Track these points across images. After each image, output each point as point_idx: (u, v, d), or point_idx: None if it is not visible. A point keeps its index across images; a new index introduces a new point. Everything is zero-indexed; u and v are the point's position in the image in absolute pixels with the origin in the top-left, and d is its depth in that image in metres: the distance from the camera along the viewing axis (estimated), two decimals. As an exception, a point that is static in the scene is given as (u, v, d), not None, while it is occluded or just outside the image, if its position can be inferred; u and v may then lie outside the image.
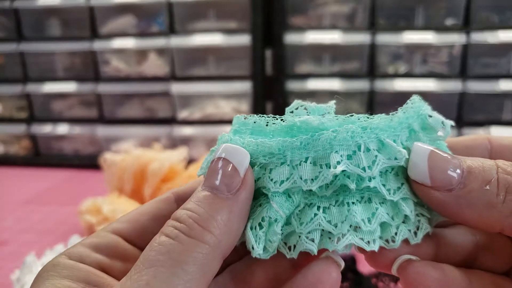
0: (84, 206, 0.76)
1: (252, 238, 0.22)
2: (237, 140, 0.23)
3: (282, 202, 0.22)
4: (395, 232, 0.22)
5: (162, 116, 1.25)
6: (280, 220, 0.22)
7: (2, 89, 1.29)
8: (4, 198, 1.03)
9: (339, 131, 0.21)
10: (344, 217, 0.22)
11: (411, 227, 0.23)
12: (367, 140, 0.22)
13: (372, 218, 0.22)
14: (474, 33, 1.07)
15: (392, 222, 0.22)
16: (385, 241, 0.22)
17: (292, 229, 0.22)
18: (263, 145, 0.22)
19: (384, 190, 0.22)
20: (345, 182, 0.21)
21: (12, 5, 1.22)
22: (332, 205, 0.22)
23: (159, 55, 1.20)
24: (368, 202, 0.22)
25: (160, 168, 0.78)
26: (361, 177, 0.21)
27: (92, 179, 1.17)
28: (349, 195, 0.22)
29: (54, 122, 1.30)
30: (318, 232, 0.22)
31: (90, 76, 1.25)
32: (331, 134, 0.21)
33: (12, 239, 0.80)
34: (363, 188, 0.22)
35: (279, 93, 1.18)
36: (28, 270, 0.52)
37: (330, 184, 0.22)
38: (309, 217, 0.22)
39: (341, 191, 0.22)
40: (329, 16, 1.14)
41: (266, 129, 0.24)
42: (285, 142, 0.22)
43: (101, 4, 1.18)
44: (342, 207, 0.22)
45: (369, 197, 0.22)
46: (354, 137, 0.21)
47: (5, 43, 1.26)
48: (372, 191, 0.22)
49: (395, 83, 1.12)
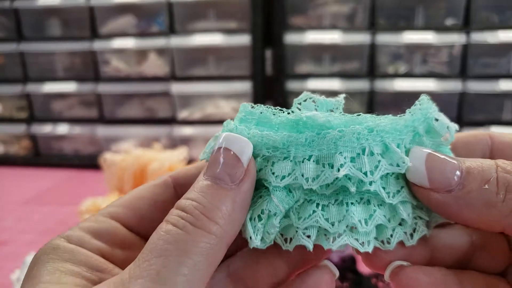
0: (84, 206, 0.76)
1: (251, 229, 0.22)
2: (243, 131, 0.23)
3: (283, 197, 0.22)
4: (391, 234, 0.22)
5: (162, 116, 1.25)
6: (279, 214, 0.22)
7: (2, 89, 1.29)
8: (4, 198, 1.03)
9: (346, 131, 0.21)
10: (342, 217, 0.22)
11: (408, 229, 0.23)
12: (372, 143, 0.21)
13: (369, 220, 0.22)
14: (474, 33, 1.07)
15: (389, 224, 0.22)
16: (381, 242, 0.23)
17: (290, 222, 0.22)
18: (268, 138, 0.22)
19: (384, 193, 0.22)
20: (346, 184, 0.21)
21: (12, 5, 1.23)
22: (331, 204, 0.22)
23: (159, 55, 1.20)
24: (367, 204, 0.22)
25: (160, 168, 0.79)
26: (362, 180, 0.21)
27: (92, 179, 1.17)
28: (348, 196, 0.22)
29: (54, 122, 1.30)
30: (315, 229, 0.22)
31: (90, 76, 1.25)
32: (337, 134, 0.21)
33: (12, 239, 0.80)
34: (363, 190, 0.22)
35: (279, 93, 1.18)
36: None
37: (331, 184, 0.22)
38: (307, 213, 0.22)
39: (341, 190, 0.22)
40: (329, 16, 1.14)
41: (272, 121, 0.24)
42: (290, 137, 0.22)
43: (101, 4, 1.18)
44: (341, 207, 0.22)
45: (368, 198, 0.22)
46: (360, 139, 0.21)
47: (5, 43, 1.26)
48: (371, 193, 0.22)
49: (395, 83, 1.12)
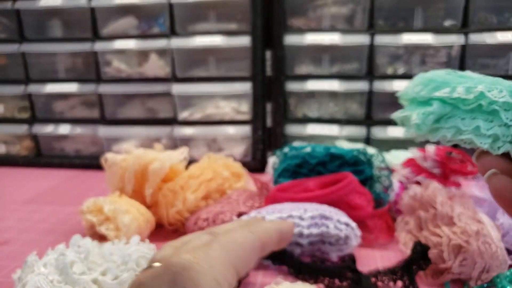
0: (85, 206, 0.76)
1: (415, 115, 0.36)
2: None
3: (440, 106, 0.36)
4: (500, 145, 0.33)
5: (163, 116, 1.26)
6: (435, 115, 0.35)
7: (4, 90, 1.30)
8: (5, 198, 1.04)
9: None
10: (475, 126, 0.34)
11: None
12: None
13: (490, 130, 0.34)
14: (473, 34, 1.08)
15: (501, 138, 0.33)
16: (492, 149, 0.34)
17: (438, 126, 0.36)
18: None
19: (504, 117, 0.33)
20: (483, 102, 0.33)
21: (14, 6, 1.23)
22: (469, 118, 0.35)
23: (160, 56, 1.20)
24: (490, 121, 0.34)
25: (161, 168, 0.78)
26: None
27: (94, 179, 1.18)
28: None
29: (56, 122, 1.30)
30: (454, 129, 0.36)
31: (91, 76, 1.26)
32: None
33: (13, 239, 0.80)
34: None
35: (279, 93, 1.19)
36: (30, 270, 0.52)
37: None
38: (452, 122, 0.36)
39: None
40: (328, 18, 1.15)
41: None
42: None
43: (102, 5, 1.19)
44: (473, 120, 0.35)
45: (492, 119, 0.33)
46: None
47: (7, 44, 1.27)
48: (496, 116, 0.33)
49: (394, 83, 1.12)
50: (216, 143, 1.24)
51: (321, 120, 1.20)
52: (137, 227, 0.73)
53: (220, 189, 0.85)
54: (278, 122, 1.21)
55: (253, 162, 1.21)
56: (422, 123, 0.34)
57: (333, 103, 1.19)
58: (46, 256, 0.54)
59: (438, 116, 0.35)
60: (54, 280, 0.50)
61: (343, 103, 1.19)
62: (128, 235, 0.70)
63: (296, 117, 1.22)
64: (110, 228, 0.72)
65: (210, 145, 1.24)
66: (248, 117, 1.21)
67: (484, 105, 0.33)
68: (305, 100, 1.21)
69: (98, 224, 0.73)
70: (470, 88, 0.33)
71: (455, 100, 0.34)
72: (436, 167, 0.84)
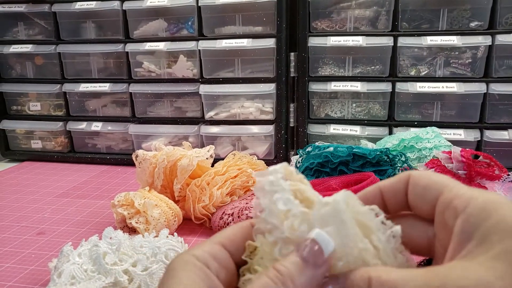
0: (116, 200, 0.77)
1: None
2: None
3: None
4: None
5: (191, 115, 1.29)
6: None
7: (41, 88, 1.36)
8: (41, 191, 1.08)
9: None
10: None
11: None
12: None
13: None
14: (500, 35, 1.07)
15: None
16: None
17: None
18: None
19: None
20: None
21: (51, 9, 1.29)
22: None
23: (188, 57, 1.24)
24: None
25: (189, 164, 0.81)
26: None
27: (124, 174, 1.21)
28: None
29: (89, 120, 1.35)
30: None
31: (123, 76, 1.30)
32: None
33: (49, 230, 0.83)
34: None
35: (302, 94, 1.20)
36: (65, 259, 0.54)
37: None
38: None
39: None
40: (352, 20, 1.15)
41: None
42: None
43: (134, 8, 1.23)
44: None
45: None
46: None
47: (44, 45, 1.32)
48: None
49: (417, 85, 1.12)
50: (240, 141, 1.26)
51: (343, 120, 1.21)
52: (166, 221, 0.76)
53: (245, 186, 0.87)
54: (301, 121, 1.23)
55: (276, 161, 1.23)
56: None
57: (356, 103, 1.20)
58: (80, 247, 0.56)
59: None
60: (88, 270, 0.52)
61: (366, 103, 1.20)
62: (157, 228, 0.73)
63: (319, 117, 1.23)
64: (140, 221, 0.74)
65: (234, 144, 1.27)
66: (272, 116, 1.23)
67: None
68: (328, 101, 1.22)
69: (129, 217, 0.75)
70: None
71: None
72: (461, 169, 0.83)
